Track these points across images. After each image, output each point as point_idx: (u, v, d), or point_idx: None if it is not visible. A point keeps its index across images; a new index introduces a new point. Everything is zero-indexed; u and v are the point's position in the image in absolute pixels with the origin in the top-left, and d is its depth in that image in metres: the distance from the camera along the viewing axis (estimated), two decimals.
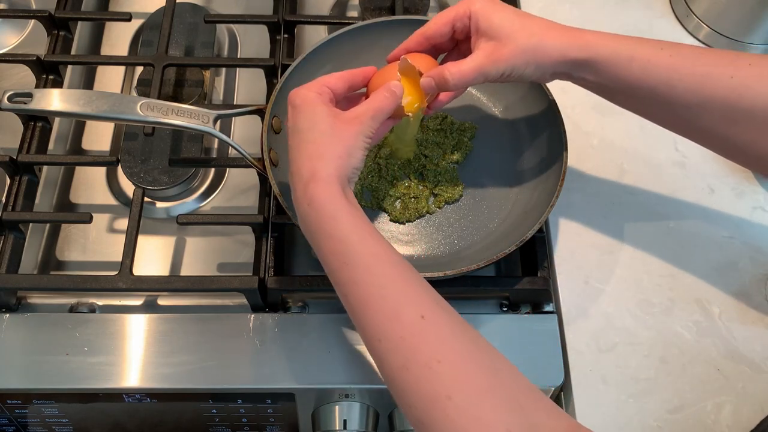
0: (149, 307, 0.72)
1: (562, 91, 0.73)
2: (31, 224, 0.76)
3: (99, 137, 0.85)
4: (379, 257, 0.54)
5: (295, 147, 0.59)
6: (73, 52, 0.88)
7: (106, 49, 0.92)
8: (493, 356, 0.51)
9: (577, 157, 0.78)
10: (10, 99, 0.67)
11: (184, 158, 0.80)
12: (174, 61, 0.83)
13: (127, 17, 0.86)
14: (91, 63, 0.89)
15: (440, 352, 0.50)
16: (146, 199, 0.77)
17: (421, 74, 0.64)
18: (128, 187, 0.80)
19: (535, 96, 0.75)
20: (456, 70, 0.63)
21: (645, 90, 0.61)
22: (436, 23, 0.65)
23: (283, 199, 0.66)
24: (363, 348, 0.68)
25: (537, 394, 0.50)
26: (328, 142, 0.57)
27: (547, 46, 0.61)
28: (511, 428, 0.47)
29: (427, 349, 0.50)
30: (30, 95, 0.67)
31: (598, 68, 0.61)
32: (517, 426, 0.47)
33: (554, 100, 0.73)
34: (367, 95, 0.66)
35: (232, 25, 0.93)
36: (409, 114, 0.64)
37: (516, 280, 0.70)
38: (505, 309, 0.72)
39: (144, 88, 0.85)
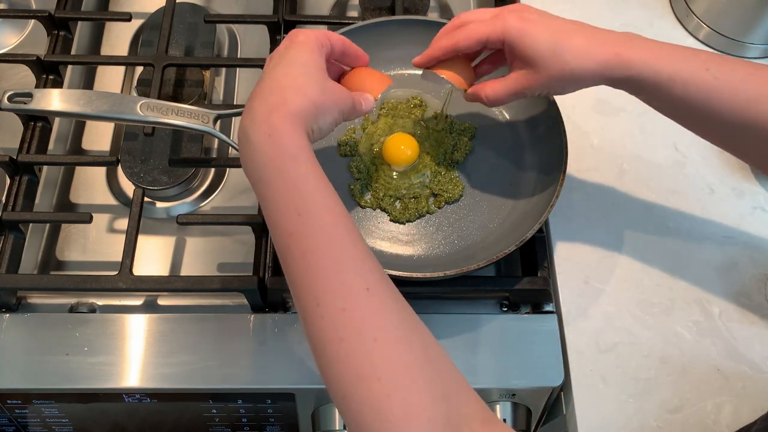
0: (149, 307, 0.72)
1: None
2: (31, 224, 0.76)
3: (99, 137, 0.85)
4: (335, 214, 0.51)
5: (269, 70, 0.55)
6: (73, 52, 0.88)
7: (106, 49, 0.92)
8: (426, 337, 0.50)
9: (577, 157, 0.78)
10: (10, 99, 0.67)
11: (184, 158, 0.80)
12: (174, 61, 0.83)
13: (127, 17, 0.86)
14: (91, 63, 0.89)
15: (378, 329, 0.48)
16: (146, 199, 0.77)
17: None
18: (128, 187, 0.80)
19: (536, 96, 0.75)
20: (492, 92, 0.64)
21: (685, 109, 0.60)
22: (469, 40, 0.62)
23: None
24: None
25: (459, 378, 0.49)
26: (310, 83, 0.54)
27: (583, 71, 0.60)
28: (433, 418, 0.46)
29: (366, 325, 0.48)
30: (30, 95, 0.67)
31: (638, 87, 0.60)
32: (440, 416, 0.47)
33: (554, 101, 0.73)
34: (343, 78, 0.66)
35: (232, 25, 0.93)
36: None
37: (516, 280, 0.70)
38: (505, 309, 0.72)
39: (144, 88, 0.85)
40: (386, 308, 0.50)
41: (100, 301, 0.73)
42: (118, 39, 0.92)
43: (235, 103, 0.87)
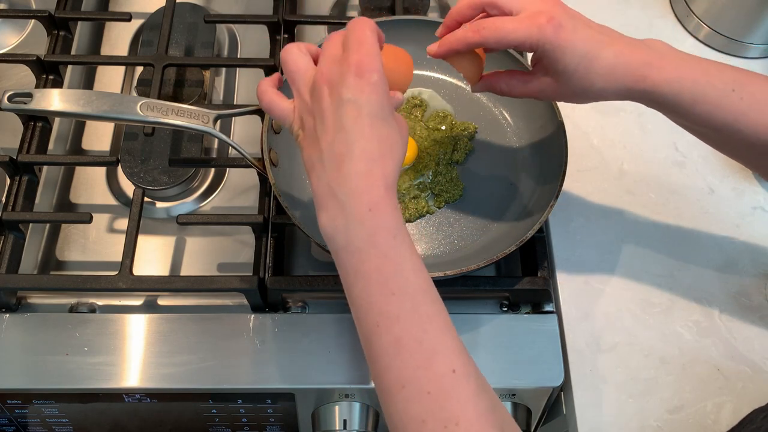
0: (149, 307, 0.72)
1: None
2: (31, 224, 0.76)
3: (99, 137, 0.85)
4: (427, 293, 0.50)
5: (357, 122, 0.50)
6: (73, 52, 0.88)
7: (106, 49, 0.92)
8: (503, 413, 0.50)
9: (577, 157, 0.78)
10: (10, 99, 0.67)
11: (184, 158, 0.80)
12: (174, 61, 0.83)
13: (127, 17, 0.86)
14: (91, 63, 0.89)
15: (461, 413, 0.47)
16: (146, 199, 0.77)
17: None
18: (128, 187, 0.80)
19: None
20: (506, 89, 0.63)
21: (709, 129, 0.59)
22: (498, 44, 0.58)
23: (283, 199, 0.66)
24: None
25: None
26: (398, 142, 0.51)
27: (607, 92, 0.59)
28: None
29: (450, 407, 0.47)
30: (30, 95, 0.67)
31: (661, 109, 0.60)
32: None
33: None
34: None
35: (232, 25, 0.93)
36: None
37: (516, 280, 0.70)
38: (505, 309, 0.72)
39: (144, 88, 0.85)
40: (469, 389, 0.48)
41: (100, 301, 0.73)
42: (118, 39, 0.92)
43: (235, 103, 0.87)
